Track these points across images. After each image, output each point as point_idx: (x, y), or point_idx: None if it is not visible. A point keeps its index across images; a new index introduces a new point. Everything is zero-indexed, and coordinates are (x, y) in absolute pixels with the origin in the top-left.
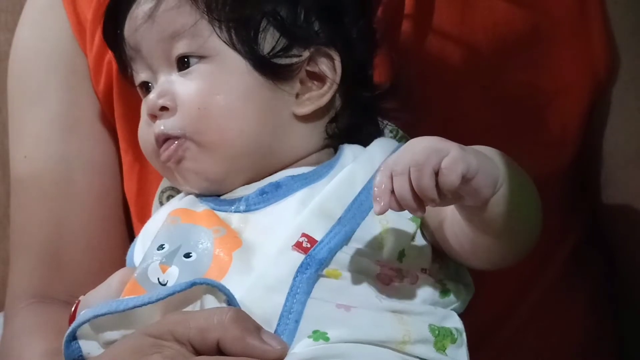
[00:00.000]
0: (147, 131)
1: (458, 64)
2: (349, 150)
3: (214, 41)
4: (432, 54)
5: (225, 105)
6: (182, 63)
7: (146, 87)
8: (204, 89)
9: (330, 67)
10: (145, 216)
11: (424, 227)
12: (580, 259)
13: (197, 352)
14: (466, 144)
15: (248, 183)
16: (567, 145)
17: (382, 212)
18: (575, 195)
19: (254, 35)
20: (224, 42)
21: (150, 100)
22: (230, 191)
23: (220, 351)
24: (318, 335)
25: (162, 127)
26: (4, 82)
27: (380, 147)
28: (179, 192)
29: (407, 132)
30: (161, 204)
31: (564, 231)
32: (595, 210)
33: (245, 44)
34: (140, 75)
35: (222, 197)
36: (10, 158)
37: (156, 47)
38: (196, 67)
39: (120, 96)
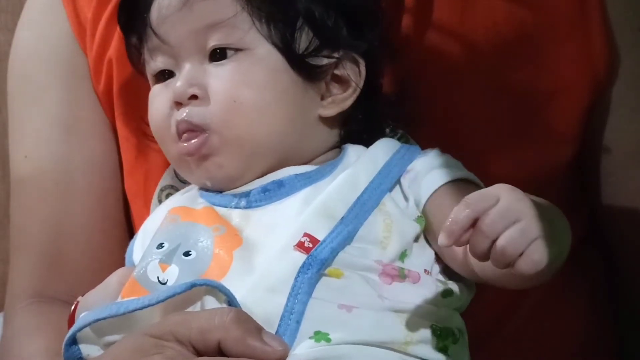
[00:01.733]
0: (166, 117)
1: (458, 63)
2: (353, 150)
3: (253, 35)
4: (431, 53)
5: (259, 100)
6: (216, 54)
7: (163, 74)
8: (240, 81)
9: (355, 71)
10: (146, 215)
11: (428, 234)
12: (580, 259)
13: (198, 353)
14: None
15: (256, 179)
16: (566, 144)
17: (447, 246)
18: (575, 195)
19: (291, 32)
20: (263, 36)
21: (179, 88)
22: (238, 186)
23: (221, 352)
24: (320, 336)
25: (184, 116)
26: (4, 82)
27: (382, 148)
28: (178, 190)
29: (407, 130)
30: (160, 202)
31: None
32: (595, 210)
33: (283, 40)
34: (158, 63)
35: (222, 193)
36: (10, 158)
37: (188, 36)
38: (232, 59)
39: (120, 96)
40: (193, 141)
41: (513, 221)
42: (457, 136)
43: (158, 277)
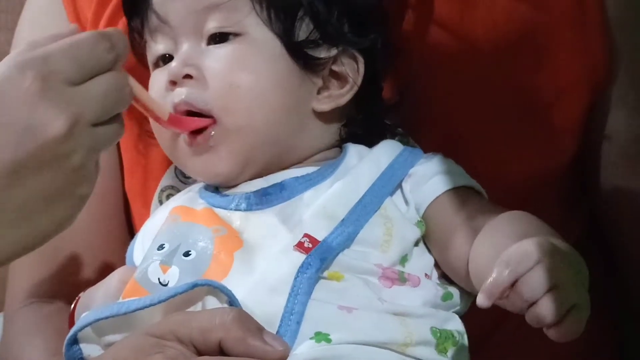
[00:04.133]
0: (162, 99)
1: (458, 63)
2: (354, 150)
3: (252, 19)
4: (432, 54)
5: (255, 86)
6: (214, 37)
7: (163, 59)
8: (236, 64)
9: (353, 68)
10: (146, 215)
11: (428, 240)
12: None
13: (199, 353)
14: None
15: (254, 177)
16: (566, 144)
17: (487, 307)
18: (575, 195)
19: (291, 20)
20: (262, 21)
21: (175, 67)
22: (236, 184)
23: (222, 352)
24: (320, 337)
25: (183, 97)
26: None
27: (385, 150)
28: (178, 191)
29: (407, 129)
30: (160, 202)
31: (564, 231)
32: (595, 210)
33: (283, 26)
34: (159, 47)
35: (222, 193)
36: None
37: (188, 18)
38: (229, 43)
39: None
40: (200, 136)
41: (553, 286)
42: (457, 136)
43: (159, 279)
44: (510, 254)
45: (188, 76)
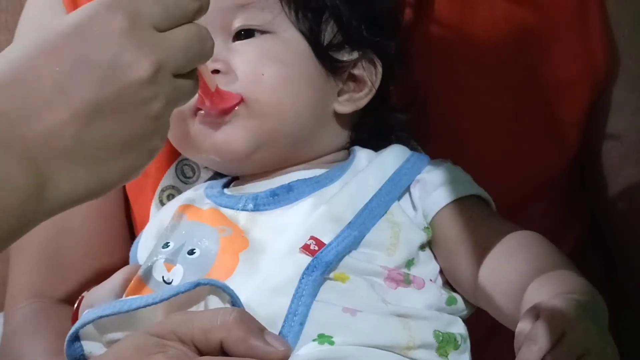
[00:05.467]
0: None
1: (458, 63)
2: (362, 154)
3: (282, 19)
4: (431, 52)
5: (286, 78)
6: (241, 34)
7: None
8: (266, 57)
9: (372, 72)
10: (147, 215)
11: (434, 247)
12: (580, 259)
13: (201, 353)
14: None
15: (267, 169)
16: (567, 143)
17: None
18: (575, 195)
19: (318, 23)
20: (291, 22)
21: None
22: (247, 172)
23: (223, 352)
24: (323, 339)
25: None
26: None
27: (393, 154)
28: (179, 191)
29: (407, 130)
30: (161, 202)
31: (564, 231)
32: (595, 210)
33: (310, 28)
34: None
35: (228, 193)
36: None
37: (214, 16)
38: (257, 38)
39: None
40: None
41: (581, 356)
42: (457, 135)
43: (163, 277)
44: (537, 330)
45: (215, 72)
